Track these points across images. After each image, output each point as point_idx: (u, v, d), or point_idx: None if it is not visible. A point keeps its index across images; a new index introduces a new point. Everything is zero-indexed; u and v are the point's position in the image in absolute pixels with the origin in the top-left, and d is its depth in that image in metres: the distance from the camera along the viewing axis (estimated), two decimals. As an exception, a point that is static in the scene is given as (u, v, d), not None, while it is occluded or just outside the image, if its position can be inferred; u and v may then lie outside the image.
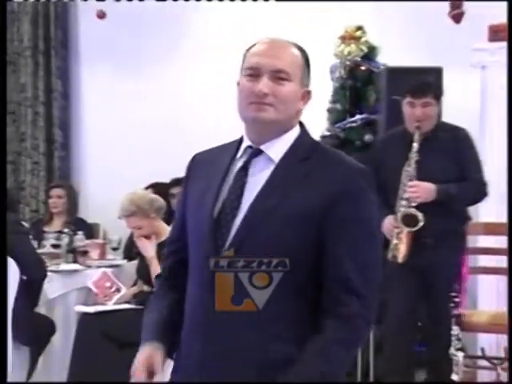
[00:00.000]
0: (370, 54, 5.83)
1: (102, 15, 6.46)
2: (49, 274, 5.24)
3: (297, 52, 2.19)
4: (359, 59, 5.77)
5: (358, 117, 5.75)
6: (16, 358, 4.94)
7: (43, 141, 7.77)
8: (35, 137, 7.77)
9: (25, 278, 4.84)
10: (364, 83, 5.81)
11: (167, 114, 7.21)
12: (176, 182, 6.62)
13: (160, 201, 5.34)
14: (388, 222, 4.60)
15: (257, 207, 2.05)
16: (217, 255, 2.04)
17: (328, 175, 2.07)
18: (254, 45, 2.20)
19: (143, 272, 5.40)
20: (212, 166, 2.21)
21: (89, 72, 7.74)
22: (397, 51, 6.03)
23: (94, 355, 5.07)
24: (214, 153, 2.30)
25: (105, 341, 5.10)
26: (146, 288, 5.31)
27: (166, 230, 5.33)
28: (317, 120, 5.85)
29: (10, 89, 7.73)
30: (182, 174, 6.60)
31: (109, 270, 5.71)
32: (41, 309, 5.36)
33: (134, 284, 5.59)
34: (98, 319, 5.19)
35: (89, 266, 5.93)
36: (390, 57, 5.84)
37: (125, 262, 6.29)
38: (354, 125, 5.74)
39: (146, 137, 7.23)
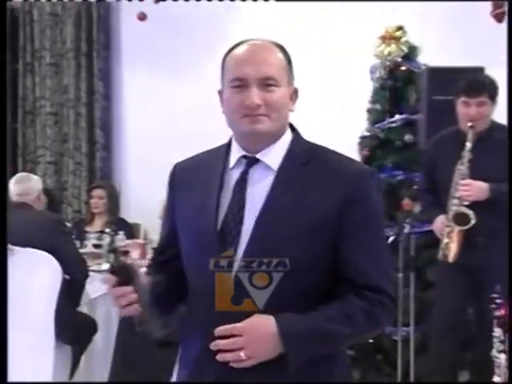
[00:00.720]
0: (411, 54, 5.77)
1: (142, 17, 6.50)
2: (90, 273, 5.27)
3: (280, 53, 2.10)
4: (399, 59, 5.71)
5: (397, 117, 5.70)
6: (58, 358, 4.95)
7: (85, 142, 7.83)
8: (77, 138, 7.83)
9: (67, 277, 4.87)
10: (404, 83, 5.76)
11: (206, 115, 7.20)
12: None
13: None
14: (439, 221, 4.58)
15: (267, 217, 1.99)
16: (230, 265, 2.00)
17: (335, 178, 2.02)
18: (233, 50, 2.10)
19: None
20: (201, 176, 2.14)
21: (130, 73, 7.77)
22: (437, 51, 5.97)
23: (134, 354, 5.10)
24: (200, 161, 2.23)
25: (145, 340, 5.12)
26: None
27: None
28: (357, 120, 5.84)
29: (53, 90, 7.82)
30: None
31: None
32: (83, 308, 5.39)
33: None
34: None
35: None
36: (431, 57, 5.78)
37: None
38: (393, 125, 5.69)
39: (186, 137, 7.23)
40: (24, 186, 5.26)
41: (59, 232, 4.91)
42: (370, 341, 5.05)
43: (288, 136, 2.12)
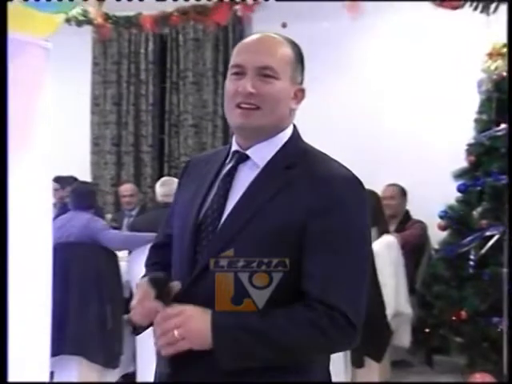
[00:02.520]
0: (515, 68, 5.57)
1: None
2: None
3: (286, 47, 1.81)
4: (505, 73, 5.52)
5: (502, 126, 5.50)
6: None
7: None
8: (214, 146, 7.90)
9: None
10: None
11: (327, 128, 7.19)
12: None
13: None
14: None
15: (234, 217, 1.75)
16: (194, 265, 1.76)
17: (310, 186, 1.72)
18: (242, 41, 1.84)
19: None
20: (203, 171, 1.90)
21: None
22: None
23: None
24: (207, 157, 1.98)
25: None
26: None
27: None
28: (464, 129, 5.69)
29: (194, 105, 7.94)
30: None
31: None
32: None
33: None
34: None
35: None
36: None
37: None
38: (499, 133, 5.50)
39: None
40: (168, 188, 5.36)
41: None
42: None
43: (286, 135, 1.84)
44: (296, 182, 1.73)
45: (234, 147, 1.85)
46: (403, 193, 6.40)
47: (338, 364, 5.11)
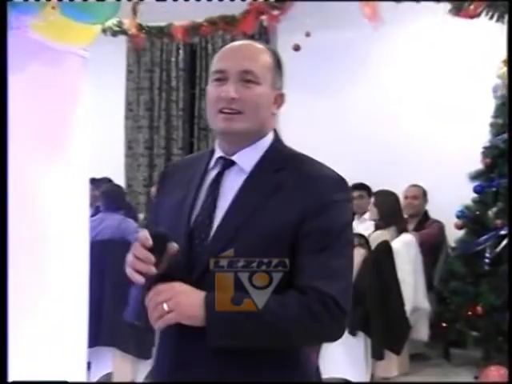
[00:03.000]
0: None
1: (297, 48, 6.49)
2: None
3: (266, 54, 1.77)
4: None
5: (517, 130, 5.46)
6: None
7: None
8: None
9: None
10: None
11: (349, 132, 7.18)
12: (355, 187, 6.56)
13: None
14: None
15: (228, 222, 1.69)
16: (193, 269, 1.69)
17: (301, 188, 1.68)
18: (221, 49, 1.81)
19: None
20: (186, 177, 1.82)
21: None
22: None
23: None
24: (187, 163, 1.92)
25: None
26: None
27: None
28: (480, 133, 5.65)
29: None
30: (362, 180, 6.54)
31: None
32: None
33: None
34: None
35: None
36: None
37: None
38: (514, 137, 5.46)
39: (332, 150, 7.20)
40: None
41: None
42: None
43: (268, 140, 1.78)
44: (286, 185, 1.70)
45: (218, 153, 1.79)
46: (424, 193, 6.37)
47: (359, 356, 5.10)
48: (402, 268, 5.29)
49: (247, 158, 1.75)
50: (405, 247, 5.46)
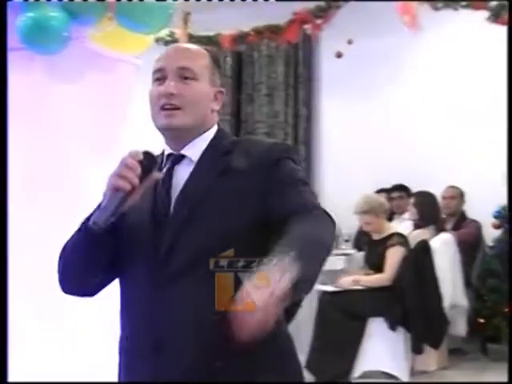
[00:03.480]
0: None
1: (340, 55, 6.47)
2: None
3: (202, 52, 1.75)
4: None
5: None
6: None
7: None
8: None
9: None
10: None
11: (388, 134, 7.11)
12: (395, 187, 6.52)
13: (387, 204, 5.35)
14: None
15: (180, 208, 1.61)
16: (154, 261, 1.59)
17: (250, 157, 1.64)
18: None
19: (370, 259, 5.36)
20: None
21: (327, 100, 7.78)
22: None
23: (330, 325, 5.09)
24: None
25: (340, 313, 5.09)
26: (371, 273, 5.29)
27: (387, 227, 5.29)
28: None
29: (267, 115, 7.96)
30: (399, 181, 6.47)
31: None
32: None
33: (362, 268, 5.55)
34: (335, 296, 5.19)
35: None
36: None
37: (354, 251, 6.25)
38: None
39: (372, 151, 7.16)
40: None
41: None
42: None
43: (212, 133, 1.73)
44: (238, 163, 1.64)
45: (168, 151, 1.73)
46: (461, 194, 6.29)
47: (399, 350, 5.07)
48: (440, 266, 5.24)
49: (195, 150, 1.70)
50: (443, 246, 5.41)
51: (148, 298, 1.60)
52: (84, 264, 1.63)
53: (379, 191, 6.39)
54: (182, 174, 1.68)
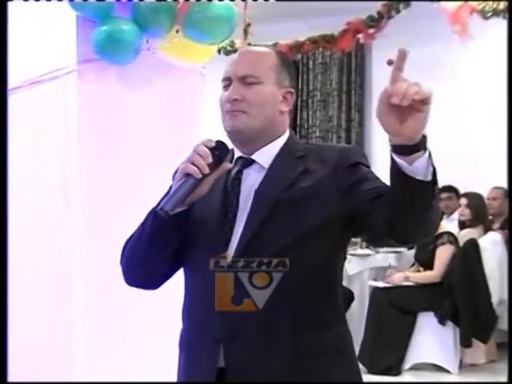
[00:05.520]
0: None
1: (391, 63, 6.36)
2: (348, 256, 5.25)
3: (269, 55, 1.64)
4: None
5: None
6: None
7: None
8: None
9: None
10: None
11: (437, 137, 6.98)
12: (444, 189, 6.39)
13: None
14: None
15: (254, 216, 1.52)
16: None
17: (325, 160, 1.56)
18: None
19: (420, 257, 5.28)
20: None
21: (379, 106, 7.71)
22: None
23: (382, 319, 5.04)
24: None
25: (391, 308, 5.04)
26: (421, 270, 5.22)
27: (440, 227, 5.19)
28: None
29: (321, 120, 7.92)
30: (447, 183, 6.33)
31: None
32: (343, 282, 5.39)
33: (412, 265, 5.48)
34: (386, 292, 5.15)
35: (377, 252, 5.87)
36: None
37: (404, 249, 6.15)
38: None
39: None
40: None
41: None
42: None
43: (283, 139, 1.64)
44: (311, 165, 1.56)
45: (238, 154, 1.63)
46: (506, 194, 6.12)
47: (448, 343, 5.00)
48: (488, 264, 5.16)
49: (266, 156, 1.60)
50: (491, 244, 5.32)
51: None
52: (149, 250, 1.55)
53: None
54: (252, 178, 1.58)
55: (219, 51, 5.81)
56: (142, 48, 2.75)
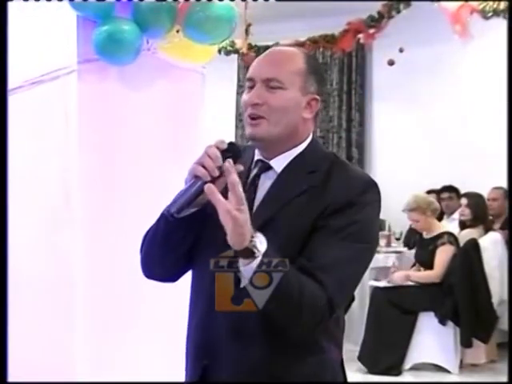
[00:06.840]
0: None
1: (391, 63, 6.38)
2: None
3: (297, 59, 1.56)
4: None
5: None
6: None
7: (344, 158, 7.83)
8: (339, 154, 7.84)
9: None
10: None
11: (437, 137, 7.00)
12: (444, 188, 6.39)
13: (435, 203, 5.26)
14: None
15: (256, 221, 1.44)
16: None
17: (330, 185, 1.50)
18: None
19: (420, 257, 5.28)
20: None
21: (378, 106, 7.72)
22: None
23: (382, 319, 5.04)
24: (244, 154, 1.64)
25: (391, 308, 5.03)
26: (422, 270, 5.21)
27: (438, 226, 5.20)
28: None
29: (322, 120, 7.90)
30: (448, 183, 6.33)
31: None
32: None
33: (413, 266, 5.47)
34: (387, 292, 5.14)
35: (378, 252, 5.87)
36: None
37: (405, 249, 6.16)
38: None
39: (422, 154, 7.06)
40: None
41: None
42: None
43: (303, 146, 1.58)
44: (318, 185, 1.51)
45: (258, 156, 1.60)
46: (506, 195, 6.12)
47: (449, 343, 5.00)
48: (489, 263, 5.16)
49: (281, 163, 1.56)
50: (492, 244, 5.32)
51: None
52: (162, 249, 1.55)
53: (429, 192, 6.26)
54: (267, 186, 1.55)
55: (219, 51, 5.82)
56: (142, 48, 2.74)
